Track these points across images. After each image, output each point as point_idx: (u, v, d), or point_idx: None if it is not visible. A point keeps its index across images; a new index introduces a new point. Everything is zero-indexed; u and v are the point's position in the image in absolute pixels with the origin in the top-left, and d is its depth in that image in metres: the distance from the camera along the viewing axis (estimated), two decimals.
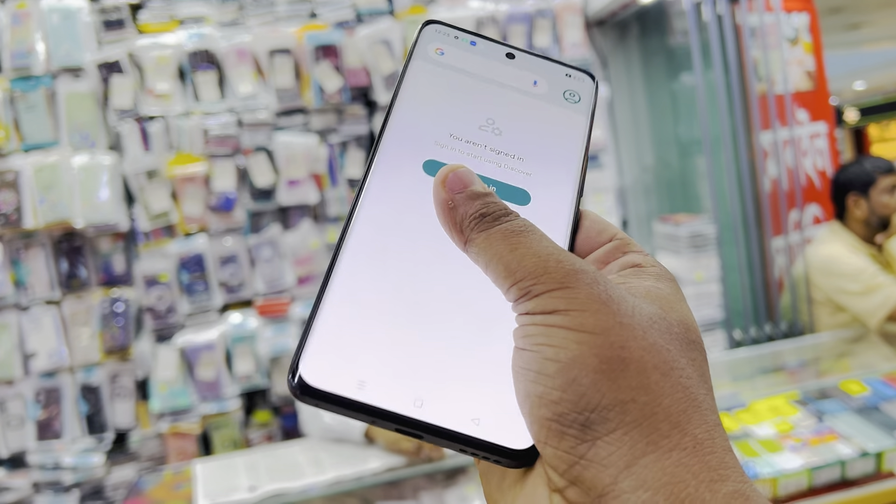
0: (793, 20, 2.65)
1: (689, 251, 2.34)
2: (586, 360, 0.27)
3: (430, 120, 0.37)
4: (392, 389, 0.29)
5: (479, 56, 0.40)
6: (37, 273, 2.26)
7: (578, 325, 0.27)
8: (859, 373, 1.81)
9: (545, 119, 0.38)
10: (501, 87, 0.39)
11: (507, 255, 0.30)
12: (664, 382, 0.27)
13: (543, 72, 0.40)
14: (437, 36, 0.40)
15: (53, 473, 2.20)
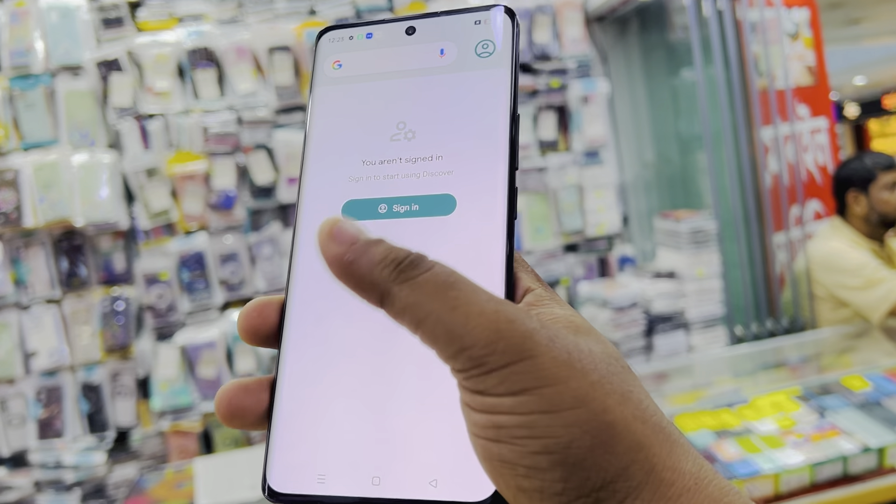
0: (793, 15, 2.65)
1: (690, 247, 2.33)
2: (581, 443, 0.25)
3: (341, 152, 0.35)
4: (349, 476, 0.29)
5: (378, 49, 0.36)
6: (37, 272, 2.26)
7: (557, 404, 0.25)
8: (861, 368, 1.81)
9: (457, 94, 0.34)
10: (407, 77, 0.35)
11: (448, 314, 0.26)
12: (647, 429, 0.27)
13: (449, 33, 0.35)
14: (332, 46, 0.37)
15: (55, 472, 2.20)
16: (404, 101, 0.35)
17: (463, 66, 0.34)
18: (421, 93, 0.34)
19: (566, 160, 2.57)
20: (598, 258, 2.66)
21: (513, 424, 0.25)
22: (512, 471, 0.26)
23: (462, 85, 0.34)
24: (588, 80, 2.58)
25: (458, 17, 0.35)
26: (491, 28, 0.34)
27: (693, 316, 2.33)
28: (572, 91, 2.55)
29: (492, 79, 0.34)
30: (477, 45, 0.34)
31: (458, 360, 0.26)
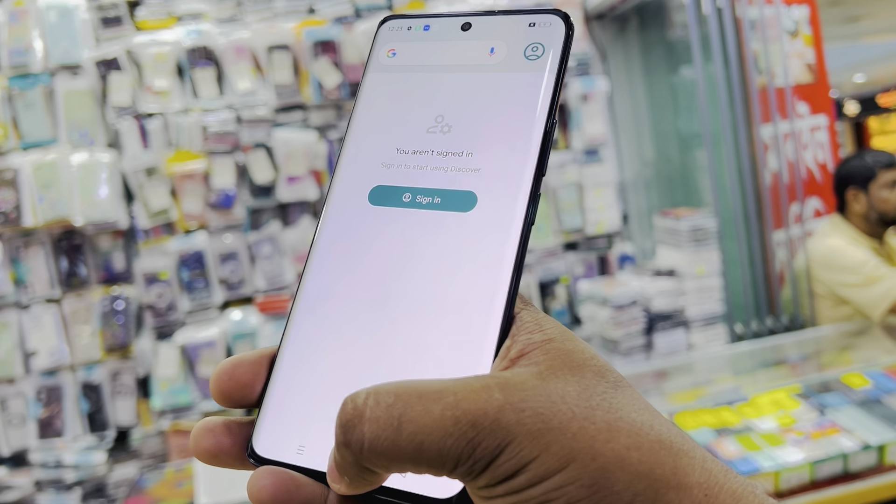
0: (793, 13, 2.64)
1: (690, 245, 2.33)
2: (578, 498, 0.25)
3: (379, 138, 0.36)
4: (326, 452, 0.29)
5: (433, 41, 0.37)
6: (37, 271, 2.25)
7: (545, 474, 0.25)
8: (861, 366, 1.81)
9: (498, 94, 0.34)
10: (455, 72, 0.36)
11: (417, 454, 0.26)
12: (643, 455, 0.26)
13: (502, 33, 0.36)
14: (390, 35, 0.38)
15: (55, 472, 2.20)
16: (447, 94, 0.35)
17: (510, 67, 0.35)
18: (464, 89, 0.35)
19: (566, 158, 2.56)
20: (598, 256, 2.66)
21: (513, 503, 0.26)
22: None
23: (505, 85, 0.34)
24: (587, 78, 2.57)
25: (514, 17, 0.36)
26: (543, 32, 0.35)
27: (693, 314, 2.33)
28: (572, 89, 2.55)
29: (535, 82, 0.34)
30: (527, 48, 0.35)
31: (452, 476, 0.26)
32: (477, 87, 0.35)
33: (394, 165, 0.35)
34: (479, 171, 0.33)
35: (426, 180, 0.34)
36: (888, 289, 2.13)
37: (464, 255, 0.32)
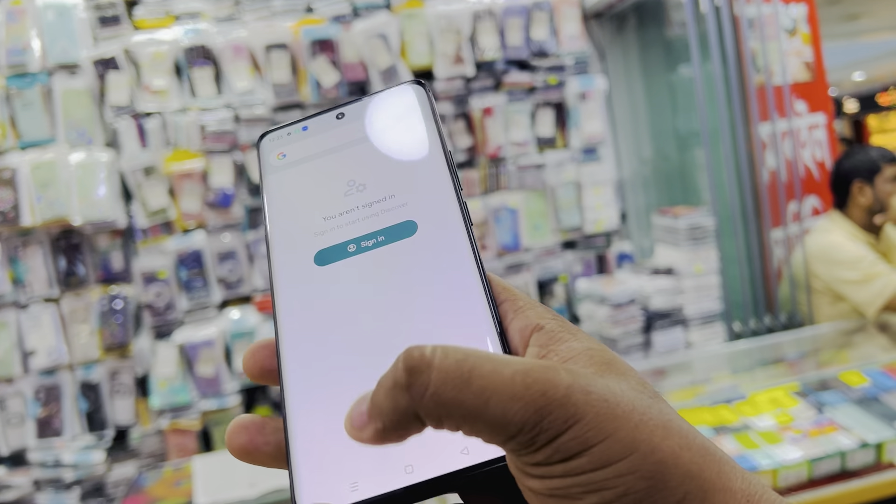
0: (791, 11, 2.64)
1: (688, 243, 2.33)
2: (636, 488, 0.25)
3: (301, 218, 0.38)
4: (381, 474, 0.30)
5: (315, 136, 0.41)
6: (35, 271, 2.25)
7: (608, 459, 0.25)
8: (859, 364, 1.81)
9: (394, 148, 0.39)
10: (347, 148, 0.40)
11: (482, 411, 0.26)
12: (694, 456, 0.26)
13: (375, 110, 0.41)
14: (273, 144, 0.41)
15: (54, 471, 2.20)
16: (348, 165, 0.39)
17: (392, 130, 0.40)
18: (361, 155, 0.39)
19: (564, 157, 2.56)
20: (597, 255, 2.66)
21: (567, 485, 0.26)
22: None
23: (396, 141, 0.39)
24: (586, 76, 2.58)
25: (380, 95, 0.41)
26: (410, 97, 0.40)
27: (691, 312, 2.33)
28: (570, 88, 2.55)
29: (419, 130, 0.39)
30: (401, 113, 0.40)
31: (507, 446, 0.26)
32: (372, 150, 0.39)
33: (327, 230, 0.37)
34: (407, 204, 0.37)
35: (363, 229, 0.37)
36: (883, 286, 2.14)
37: (427, 270, 0.34)
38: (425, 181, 0.37)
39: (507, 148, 2.53)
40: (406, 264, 0.35)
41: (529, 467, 0.26)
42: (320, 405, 0.32)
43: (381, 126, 0.40)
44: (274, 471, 1.63)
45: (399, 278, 0.34)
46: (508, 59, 2.52)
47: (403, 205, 0.37)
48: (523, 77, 2.53)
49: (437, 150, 0.38)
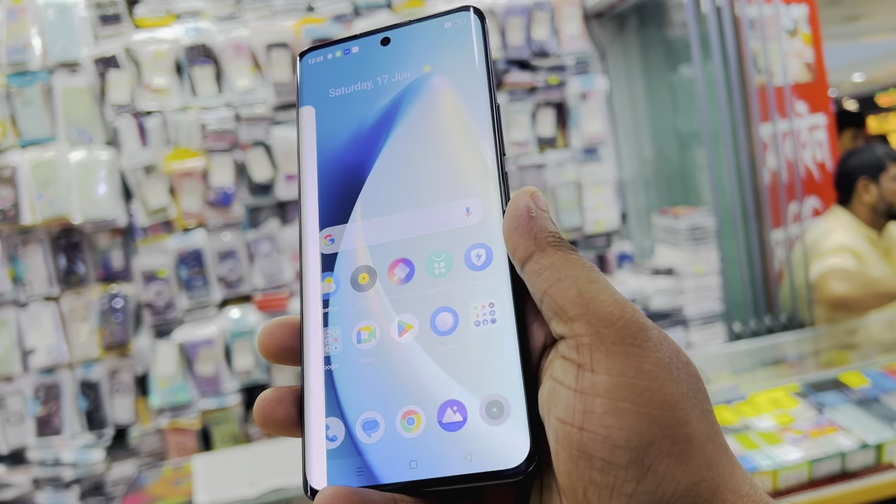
0: (792, 11, 2.64)
1: (689, 244, 2.33)
2: (661, 445, 0.26)
3: (340, 159, 0.38)
4: (386, 464, 0.32)
5: (359, 63, 0.39)
6: (35, 269, 2.25)
7: (648, 402, 0.26)
8: (859, 364, 1.81)
9: (439, 90, 0.37)
10: (389, 83, 0.38)
11: (585, 283, 0.28)
12: (716, 449, 0.27)
13: (423, 41, 0.38)
14: (314, 66, 0.40)
15: (53, 470, 2.20)
16: (388, 102, 0.38)
17: (440, 68, 0.38)
18: (403, 93, 0.38)
19: (565, 157, 2.56)
20: (597, 255, 2.66)
21: (603, 411, 0.26)
22: (588, 463, 0.26)
23: (442, 81, 0.37)
24: (586, 76, 2.57)
25: (428, 23, 0.39)
26: (460, 28, 0.38)
27: (691, 312, 2.33)
28: (571, 88, 2.55)
29: (468, 73, 0.37)
30: (450, 49, 0.38)
31: (576, 323, 0.28)
32: (415, 89, 0.38)
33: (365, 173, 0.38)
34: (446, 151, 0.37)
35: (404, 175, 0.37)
36: (826, 264, 2.14)
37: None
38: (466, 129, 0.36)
39: (508, 147, 2.53)
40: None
41: (576, 369, 0.27)
42: (339, 386, 0.34)
43: (427, 62, 0.38)
44: (274, 470, 1.63)
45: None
46: (509, 59, 2.51)
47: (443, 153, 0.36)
48: (524, 77, 2.53)
49: (483, 94, 0.36)
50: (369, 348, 0.34)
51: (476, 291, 0.34)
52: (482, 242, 0.34)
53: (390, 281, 0.35)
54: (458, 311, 0.33)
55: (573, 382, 0.27)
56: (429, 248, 0.35)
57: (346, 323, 0.35)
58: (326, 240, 0.37)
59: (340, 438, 0.33)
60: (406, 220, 0.36)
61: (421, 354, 0.33)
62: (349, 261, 0.36)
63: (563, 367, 0.28)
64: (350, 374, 0.34)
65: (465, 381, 0.32)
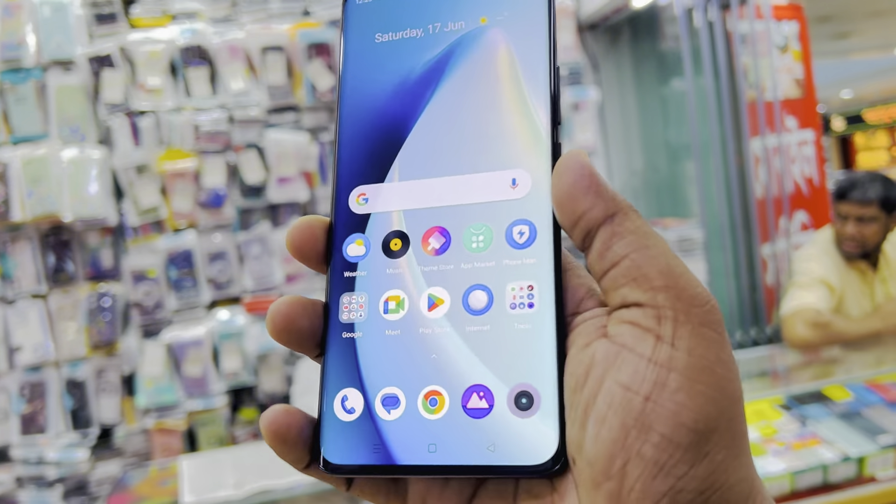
0: (783, 28, 2.68)
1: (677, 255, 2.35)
2: (723, 435, 0.25)
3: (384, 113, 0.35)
4: (404, 444, 0.30)
5: (411, 7, 0.36)
6: (23, 266, 2.24)
7: (722, 389, 0.25)
8: (843, 378, 1.83)
9: (497, 50, 0.34)
10: (442, 35, 0.35)
11: (673, 258, 0.27)
12: (746, 445, 0.27)
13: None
14: (360, 9, 0.37)
15: (37, 468, 2.19)
16: (440, 58, 0.35)
17: (501, 23, 0.35)
18: (457, 47, 0.35)
19: None
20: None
21: (676, 387, 0.25)
22: (643, 435, 0.25)
23: (502, 41, 0.34)
24: (579, 87, 2.59)
25: None
26: None
27: None
28: (563, 98, 2.57)
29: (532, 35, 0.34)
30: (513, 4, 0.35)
31: (661, 294, 0.26)
32: (471, 42, 0.35)
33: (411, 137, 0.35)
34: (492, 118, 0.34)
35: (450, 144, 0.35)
36: (798, 302, 2.08)
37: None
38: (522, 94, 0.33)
39: None
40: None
41: (654, 341, 0.26)
42: (362, 363, 0.32)
43: (484, 12, 0.35)
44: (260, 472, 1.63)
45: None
46: None
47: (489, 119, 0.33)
48: None
49: (543, 56, 0.33)
50: (396, 320, 0.32)
51: (515, 271, 0.31)
52: (526, 219, 0.32)
53: (423, 250, 0.33)
54: (493, 290, 0.31)
55: (648, 351, 0.26)
56: (468, 219, 0.32)
57: (374, 290, 0.33)
58: (360, 198, 0.34)
59: (358, 411, 0.31)
60: (446, 186, 0.33)
61: (450, 332, 0.31)
62: (382, 224, 0.34)
63: (634, 333, 0.26)
64: (373, 345, 0.32)
65: (494, 367, 0.30)
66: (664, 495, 0.24)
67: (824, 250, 2.21)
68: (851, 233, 2.11)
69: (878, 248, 2.18)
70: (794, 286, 2.14)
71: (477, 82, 0.34)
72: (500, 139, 0.33)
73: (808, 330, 2.03)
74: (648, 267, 0.27)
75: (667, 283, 0.26)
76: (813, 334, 2.03)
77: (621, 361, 0.26)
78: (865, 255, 2.17)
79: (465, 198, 0.33)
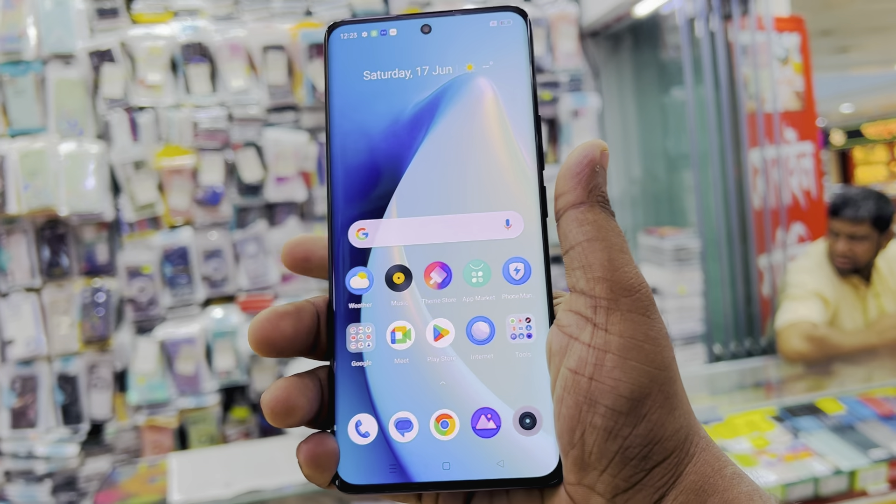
0: (784, 40, 2.68)
1: (673, 264, 2.35)
2: (656, 398, 0.30)
3: (369, 148, 0.37)
4: (419, 463, 0.33)
5: (395, 48, 0.37)
6: (18, 259, 2.24)
7: (651, 362, 0.30)
8: (836, 391, 1.83)
9: (480, 92, 0.36)
10: (429, 75, 0.37)
11: (617, 252, 0.32)
12: (686, 400, 0.32)
13: (467, 36, 0.37)
14: (346, 43, 0.38)
15: (26, 462, 2.18)
16: (427, 96, 0.37)
17: (482, 63, 0.37)
18: (442, 89, 0.37)
19: (554, 172, 2.57)
20: None
21: (612, 366, 0.30)
22: (592, 409, 0.30)
23: (484, 82, 0.37)
24: (579, 94, 2.59)
25: (474, 17, 0.37)
26: (504, 31, 0.37)
27: (673, 332, 2.35)
28: (563, 104, 2.57)
29: (511, 76, 0.37)
30: (493, 46, 0.37)
31: (599, 285, 0.31)
32: (456, 86, 0.36)
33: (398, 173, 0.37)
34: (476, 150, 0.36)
35: (436, 175, 0.37)
36: (792, 315, 2.07)
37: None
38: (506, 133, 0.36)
39: None
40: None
41: (591, 328, 0.31)
42: (374, 390, 0.34)
43: (470, 60, 0.37)
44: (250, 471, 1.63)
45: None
46: None
47: (470, 148, 0.36)
48: None
49: (527, 104, 0.36)
50: (404, 349, 0.34)
51: (513, 305, 0.35)
52: (521, 257, 0.35)
53: (426, 284, 0.35)
54: (494, 322, 0.34)
55: (588, 339, 0.31)
56: (467, 255, 0.35)
57: (380, 321, 0.35)
58: (360, 233, 0.36)
59: (373, 435, 0.33)
60: (444, 224, 0.35)
61: (456, 361, 0.34)
62: (384, 258, 0.35)
63: (578, 323, 0.32)
64: (383, 373, 0.34)
65: (499, 392, 0.33)
66: (616, 453, 0.30)
67: (818, 263, 2.21)
68: (843, 250, 2.12)
69: (870, 264, 2.18)
70: (789, 299, 2.14)
71: (468, 127, 0.36)
72: (493, 182, 0.35)
73: (804, 343, 2.03)
74: (594, 258, 0.32)
75: (605, 274, 0.31)
76: (808, 347, 2.03)
77: (569, 349, 0.31)
78: (857, 270, 2.17)
79: (462, 236, 0.35)
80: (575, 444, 0.30)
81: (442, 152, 0.36)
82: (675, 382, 0.31)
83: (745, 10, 2.53)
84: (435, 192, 0.35)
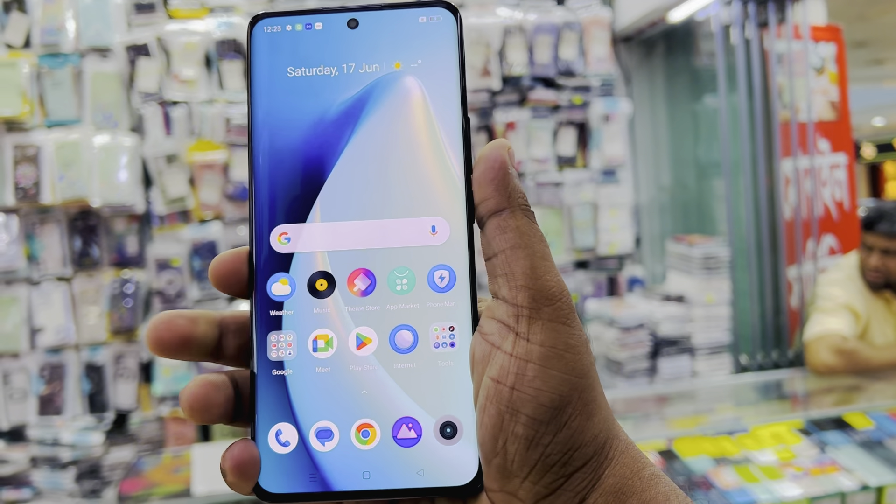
0: (820, 50, 2.65)
1: (702, 272, 2.33)
2: (576, 406, 0.30)
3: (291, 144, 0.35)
4: (340, 472, 0.33)
5: (320, 42, 0.36)
6: (50, 249, 2.27)
7: (571, 370, 0.31)
8: (865, 406, 1.80)
9: (407, 86, 0.35)
10: (355, 69, 0.36)
11: (539, 259, 0.32)
12: (607, 408, 0.32)
13: (394, 30, 0.36)
14: (269, 36, 0.36)
15: (52, 449, 2.21)
16: (352, 90, 0.36)
17: (410, 58, 0.36)
18: (368, 83, 0.35)
19: (583, 177, 2.57)
20: (608, 277, 2.66)
21: (533, 375, 0.30)
22: (513, 417, 0.30)
23: (411, 77, 0.35)
24: (610, 99, 2.58)
25: (402, 12, 0.36)
26: (433, 25, 0.36)
27: (699, 341, 2.33)
28: (594, 109, 2.56)
29: (440, 68, 0.35)
30: (422, 40, 0.36)
31: (521, 293, 0.31)
32: (382, 82, 0.35)
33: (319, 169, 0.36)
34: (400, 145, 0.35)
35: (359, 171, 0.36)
36: (822, 327, 2.04)
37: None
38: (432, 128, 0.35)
39: (527, 164, 2.53)
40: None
41: (513, 338, 0.31)
42: (294, 399, 0.34)
43: (398, 58, 0.35)
44: None
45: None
46: (535, 76, 2.53)
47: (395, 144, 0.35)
48: (549, 94, 2.54)
49: (456, 106, 0.35)
50: (326, 357, 0.34)
51: (437, 313, 0.34)
52: (446, 264, 0.34)
53: (350, 291, 0.34)
54: (418, 330, 0.34)
55: (510, 348, 0.31)
56: (391, 262, 0.34)
57: (302, 329, 0.34)
58: (282, 237, 0.35)
59: (293, 444, 0.33)
60: (368, 229, 0.34)
61: (378, 369, 0.33)
62: (306, 264, 0.34)
63: (500, 331, 0.31)
64: (304, 382, 0.33)
65: (421, 401, 0.33)
66: (537, 461, 0.30)
67: (849, 276, 2.18)
68: (875, 264, 2.09)
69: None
70: (819, 311, 2.12)
71: (395, 128, 0.35)
72: (419, 187, 0.34)
73: (833, 356, 2.00)
74: (517, 266, 0.31)
75: (527, 282, 0.31)
76: (837, 361, 2.00)
77: (491, 358, 0.31)
78: (889, 285, 2.14)
79: (387, 241, 0.34)
80: (497, 453, 0.31)
81: (368, 155, 0.35)
82: (594, 388, 0.31)
83: (782, 18, 2.51)
84: (360, 196, 0.34)
